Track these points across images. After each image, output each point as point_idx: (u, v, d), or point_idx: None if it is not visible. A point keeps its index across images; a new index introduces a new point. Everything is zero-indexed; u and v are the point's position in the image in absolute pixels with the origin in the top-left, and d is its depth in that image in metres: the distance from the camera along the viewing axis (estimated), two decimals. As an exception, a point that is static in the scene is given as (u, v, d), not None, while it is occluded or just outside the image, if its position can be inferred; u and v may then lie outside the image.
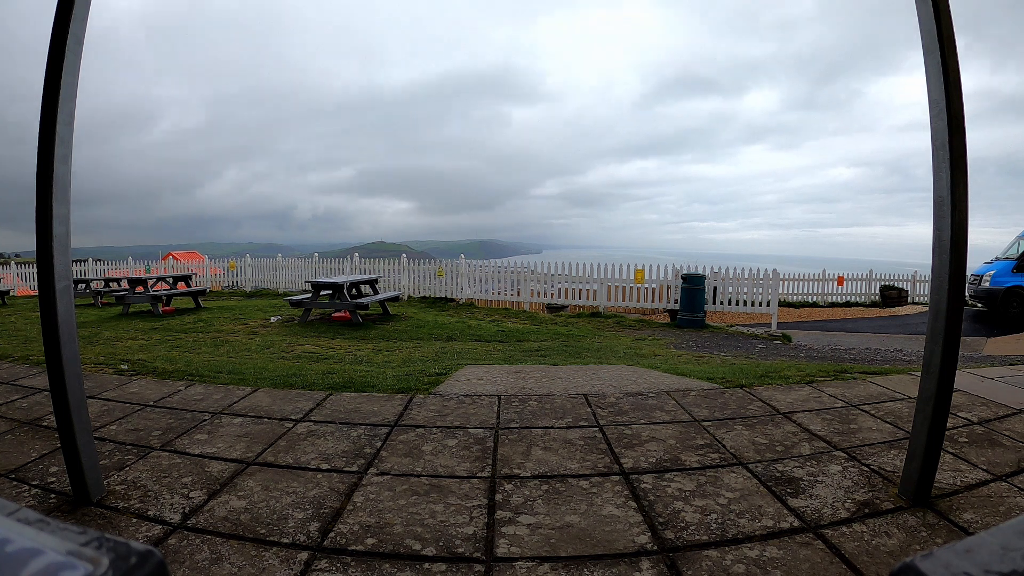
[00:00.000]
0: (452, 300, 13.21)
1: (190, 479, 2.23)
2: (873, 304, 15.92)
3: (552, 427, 2.88)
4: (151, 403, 3.28)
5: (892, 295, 16.00)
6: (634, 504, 2.04)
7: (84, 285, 13.46)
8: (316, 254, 15.93)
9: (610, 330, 9.65)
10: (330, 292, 9.12)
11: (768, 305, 11.34)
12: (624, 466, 2.38)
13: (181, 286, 11.77)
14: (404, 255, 14.33)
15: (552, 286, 12.67)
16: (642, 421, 2.98)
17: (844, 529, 1.85)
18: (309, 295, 9.41)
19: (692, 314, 10.41)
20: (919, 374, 2.25)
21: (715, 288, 11.52)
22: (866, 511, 1.97)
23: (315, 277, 14.44)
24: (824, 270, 16.17)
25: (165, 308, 10.55)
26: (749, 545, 1.76)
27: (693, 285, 10.55)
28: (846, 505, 2.02)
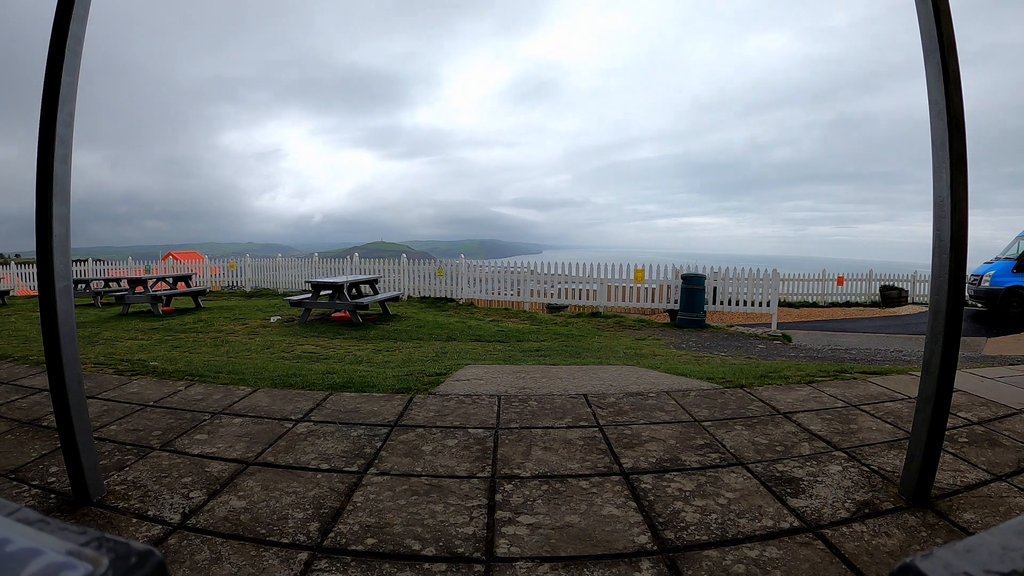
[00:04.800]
0: (452, 300, 13.22)
1: (190, 479, 2.23)
2: (873, 304, 15.94)
3: (552, 427, 2.88)
4: (151, 403, 3.28)
5: (892, 295, 16.03)
6: (634, 504, 2.04)
7: (84, 285, 13.47)
8: (316, 254, 15.95)
9: (610, 330, 9.66)
10: (330, 292, 9.13)
11: (768, 305, 11.35)
12: (624, 466, 2.38)
13: (181, 286, 11.78)
14: (404, 255, 14.33)
15: (552, 286, 12.67)
16: (642, 421, 2.98)
17: (844, 529, 1.85)
18: (309, 295, 9.42)
19: (692, 314, 10.42)
20: (919, 374, 2.25)
21: (715, 288, 11.53)
22: (866, 511, 1.97)
23: (315, 277, 14.44)
24: (824, 270, 16.20)
25: (165, 308, 10.56)
26: (749, 545, 1.76)
27: (693, 285, 10.56)
28: (846, 505, 2.02)
